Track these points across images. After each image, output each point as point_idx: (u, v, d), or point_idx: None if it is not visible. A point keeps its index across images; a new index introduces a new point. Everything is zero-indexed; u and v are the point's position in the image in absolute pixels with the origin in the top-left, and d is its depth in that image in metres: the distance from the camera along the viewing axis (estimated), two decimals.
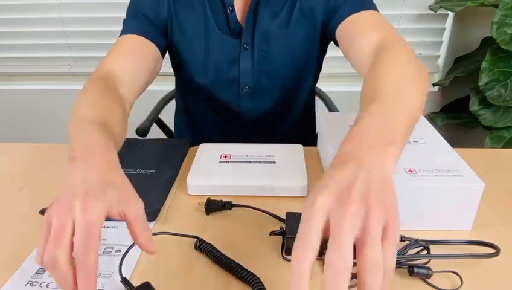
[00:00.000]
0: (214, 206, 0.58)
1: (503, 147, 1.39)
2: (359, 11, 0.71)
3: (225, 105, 0.87)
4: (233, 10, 0.76)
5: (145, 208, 0.56)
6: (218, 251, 0.49)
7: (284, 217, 0.52)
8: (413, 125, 0.46)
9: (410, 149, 0.59)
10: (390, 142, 0.39)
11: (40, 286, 0.47)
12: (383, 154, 0.38)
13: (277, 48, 0.79)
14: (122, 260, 0.47)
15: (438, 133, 0.64)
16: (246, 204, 0.58)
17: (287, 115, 0.91)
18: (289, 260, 0.49)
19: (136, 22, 0.76)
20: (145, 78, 0.72)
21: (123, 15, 0.78)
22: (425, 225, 0.53)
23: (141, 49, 0.73)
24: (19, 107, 1.86)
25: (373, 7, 0.73)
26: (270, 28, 0.77)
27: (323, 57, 0.89)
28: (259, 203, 0.58)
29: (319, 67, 0.90)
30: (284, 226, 0.52)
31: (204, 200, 0.58)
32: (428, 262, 0.47)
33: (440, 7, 1.43)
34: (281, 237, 0.51)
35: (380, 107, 0.44)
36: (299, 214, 0.51)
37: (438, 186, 0.51)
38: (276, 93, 0.86)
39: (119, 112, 0.57)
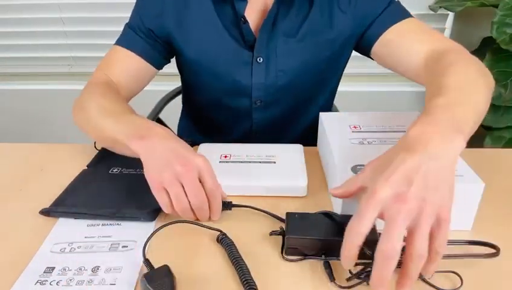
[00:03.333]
0: None
1: (503, 147, 1.39)
2: (400, 20, 0.72)
3: (236, 117, 0.85)
4: (246, 21, 0.73)
5: (145, 208, 0.57)
6: (237, 250, 0.50)
7: (284, 217, 0.52)
8: (480, 118, 0.49)
9: None
10: (458, 130, 0.43)
11: (50, 284, 0.47)
12: (450, 143, 0.42)
13: (293, 63, 0.76)
14: (146, 243, 0.50)
15: None
16: (246, 204, 0.58)
17: (300, 127, 0.89)
18: (289, 260, 0.50)
19: (135, 37, 0.75)
20: (135, 91, 0.79)
21: (123, 15, 0.78)
22: None
23: (135, 69, 0.76)
24: (19, 107, 1.86)
25: (410, 14, 0.74)
26: (286, 43, 0.74)
27: (341, 74, 0.87)
28: (259, 203, 0.58)
29: (335, 85, 0.88)
30: (284, 226, 0.51)
31: None
32: None
33: (440, 7, 1.43)
34: (281, 237, 0.51)
35: (446, 100, 0.47)
36: (299, 214, 0.52)
37: None
38: (290, 107, 0.83)
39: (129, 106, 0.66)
